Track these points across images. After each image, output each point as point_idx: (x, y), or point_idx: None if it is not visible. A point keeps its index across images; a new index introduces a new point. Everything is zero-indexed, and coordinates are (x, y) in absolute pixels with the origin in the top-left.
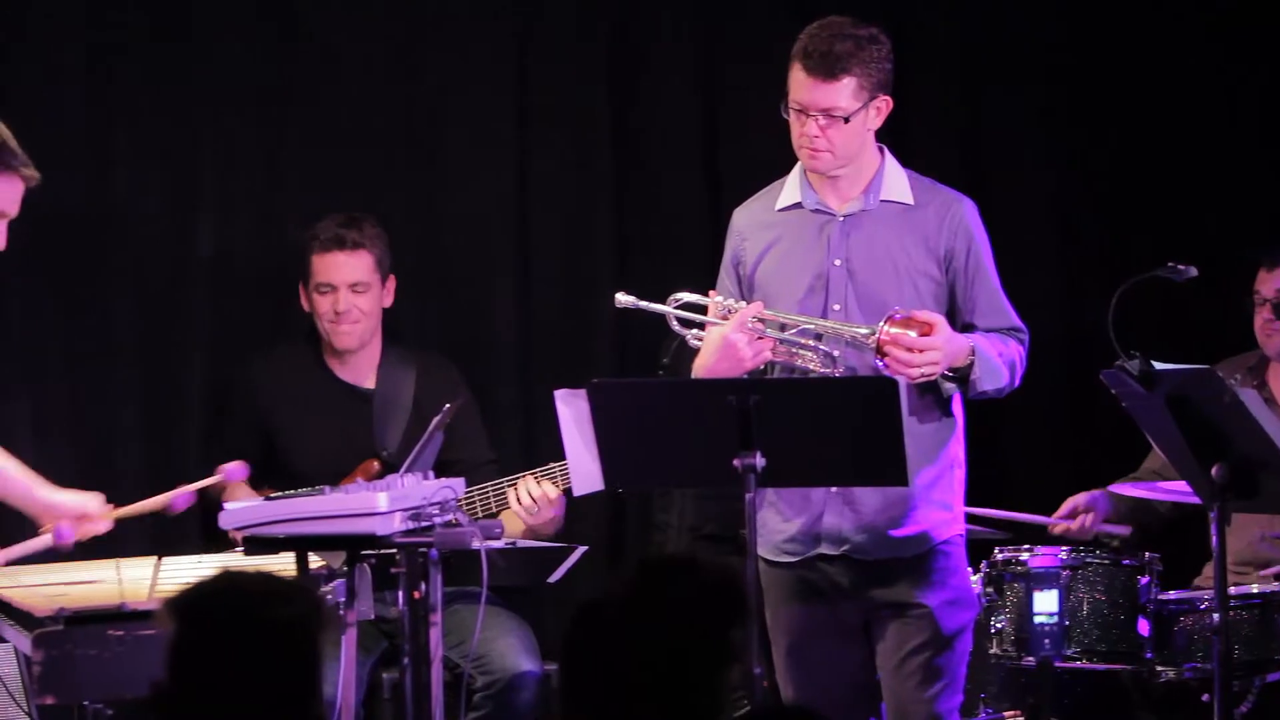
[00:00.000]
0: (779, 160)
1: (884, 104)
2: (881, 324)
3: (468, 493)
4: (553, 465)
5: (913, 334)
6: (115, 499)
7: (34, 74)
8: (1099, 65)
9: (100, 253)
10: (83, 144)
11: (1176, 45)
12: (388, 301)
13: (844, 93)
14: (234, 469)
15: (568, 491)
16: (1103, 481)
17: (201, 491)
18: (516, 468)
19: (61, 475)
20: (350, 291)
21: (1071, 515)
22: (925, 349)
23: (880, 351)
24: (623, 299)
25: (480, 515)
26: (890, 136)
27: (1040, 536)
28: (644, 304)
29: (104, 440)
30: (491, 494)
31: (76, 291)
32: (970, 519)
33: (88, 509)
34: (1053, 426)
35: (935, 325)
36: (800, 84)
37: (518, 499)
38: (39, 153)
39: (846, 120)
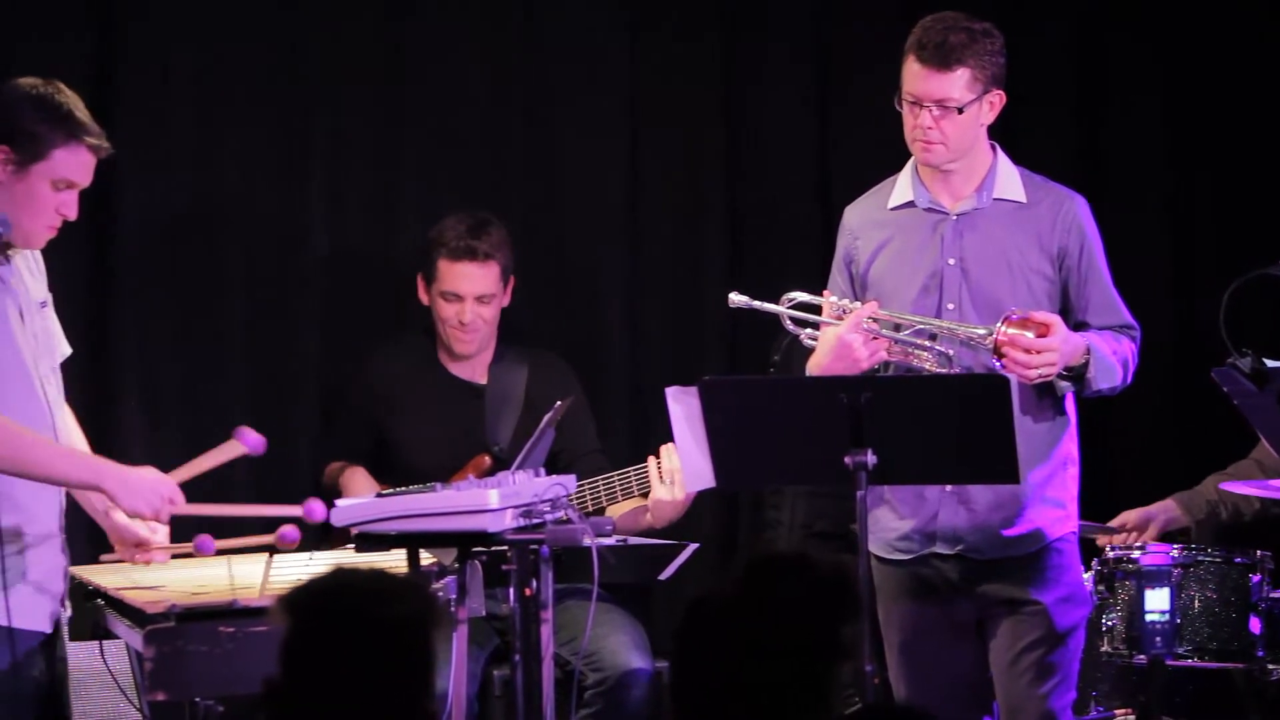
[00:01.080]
0: (890, 158)
1: (997, 99)
2: (999, 324)
3: (578, 486)
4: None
5: (1030, 335)
6: (227, 496)
7: (147, 71)
8: (1212, 64)
9: (213, 249)
10: (195, 140)
11: None
12: (506, 302)
13: (958, 84)
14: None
15: None
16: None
17: (316, 484)
18: (627, 465)
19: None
20: (476, 302)
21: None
22: (1043, 350)
23: (998, 352)
24: (736, 299)
25: (590, 509)
26: (1003, 135)
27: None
28: (757, 304)
29: (218, 437)
30: (603, 487)
31: (189, 289)
32: None
33: (147, 537)
34: (1163, 424)
35: (1052, 326)
36: (914, 75)
37: (658, 470)
38: (152, 149)
39: (960, 111)
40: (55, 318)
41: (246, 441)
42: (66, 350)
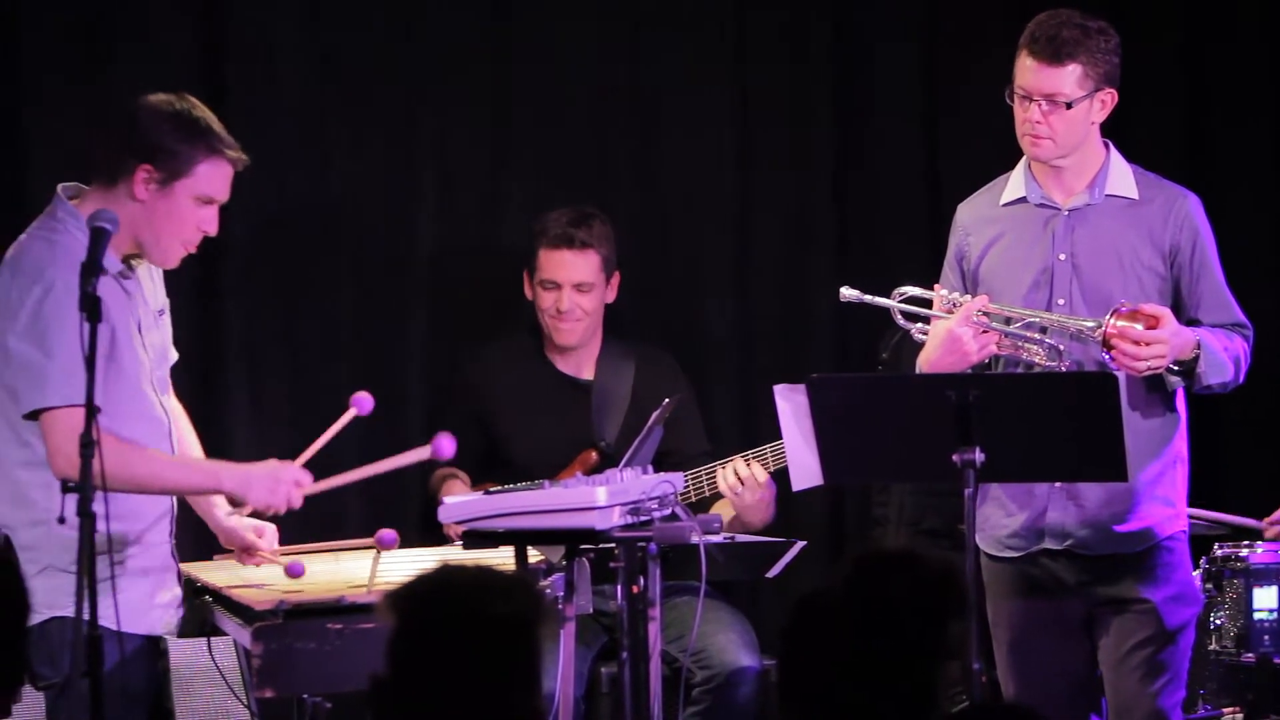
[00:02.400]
0: (1000, 155)
1: (1109, 97)
2: (1108, 317)
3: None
4: (765, 447)
5: (1139, 327)
6: (336, 494)
7: (253, 67)
8: None
9: (320, 249)
10: (303, 140)
11: None
12: (610, 297)
13: (1069, 79)
14: (444, 444)
15: (780, 474)
16: None
17: (424, 484)
18: None
19: None
20: (574, 290)
21: None
22: (1152, 342)
23: (1107, 344)
24: (847, 293)
25: (694, 501)
26: (1116, 133)
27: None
28: (868, 298)
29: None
30: (705, 480)
31: (297, 288)
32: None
33: (254, 542)
34: (1275, 423)
35: (1162, 319)
36: (1026, 69)
37: (725, 479)
38: (260, 150)
39: (1069, 106)
40: (169, 324)
41: (359, 404)
42: (174, 356)
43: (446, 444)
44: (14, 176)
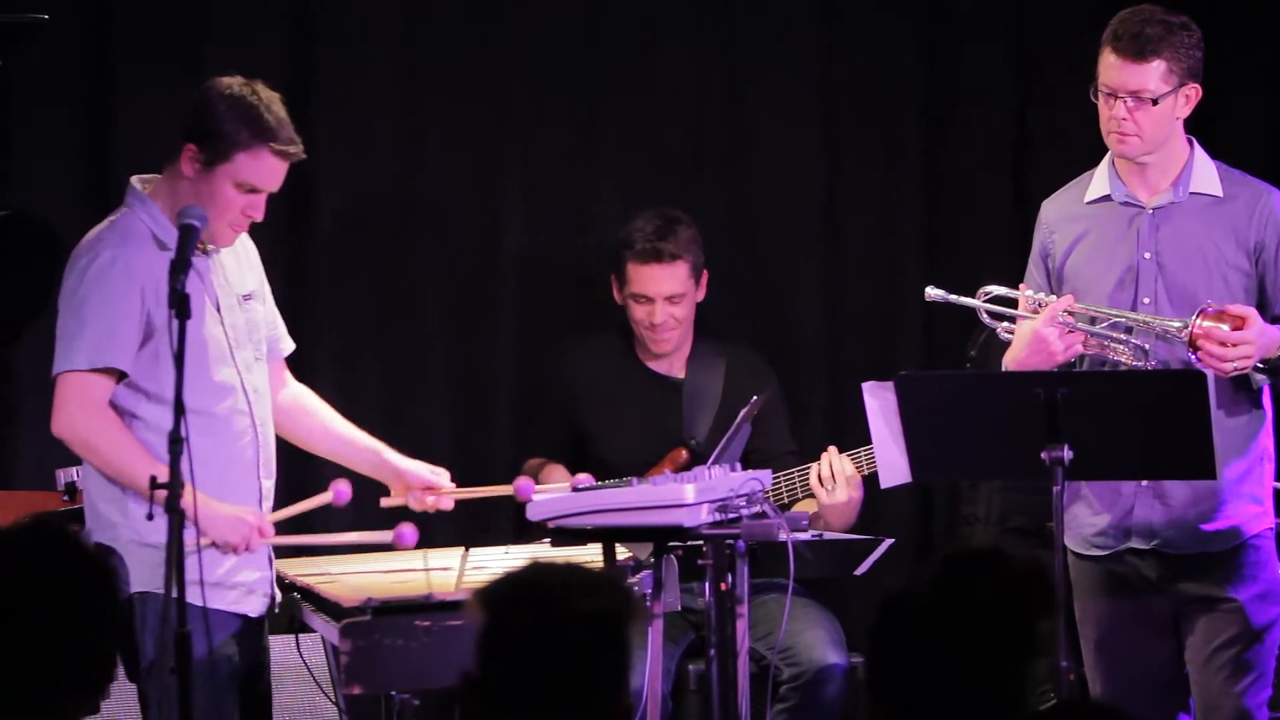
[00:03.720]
0: (1087, 153)
1: (1193, 92)
2: (1194, 317)
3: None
4: (859, 450)
5: (1225, 328)
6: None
7: (344, 67)
8: None
9: (411, 246)
10: (393, 138)
11: None
12: (701, 296)
13: (1153, 75)
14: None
15: (869, 479)
16: None
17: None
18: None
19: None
20: (666, 303)
21: None
22: (1239, 343)
23: (1193, 345)
24: (933, 293)
25: (785, 502)
26: (1200, 130)
27: None
28: (954, 297)
29: (415, 431)
30: (796, 480)
31: (387, 284)
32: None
33: (436, 481)
34: None
35: (1248, 319)
36: (1110, 66)
37: (818, 475)
38: (349, 147)
39: (1155, 103)
40: (268, 309)
41: (338, 494)
42: (289, 346)
43: (408, 532)
44: (102, 163)
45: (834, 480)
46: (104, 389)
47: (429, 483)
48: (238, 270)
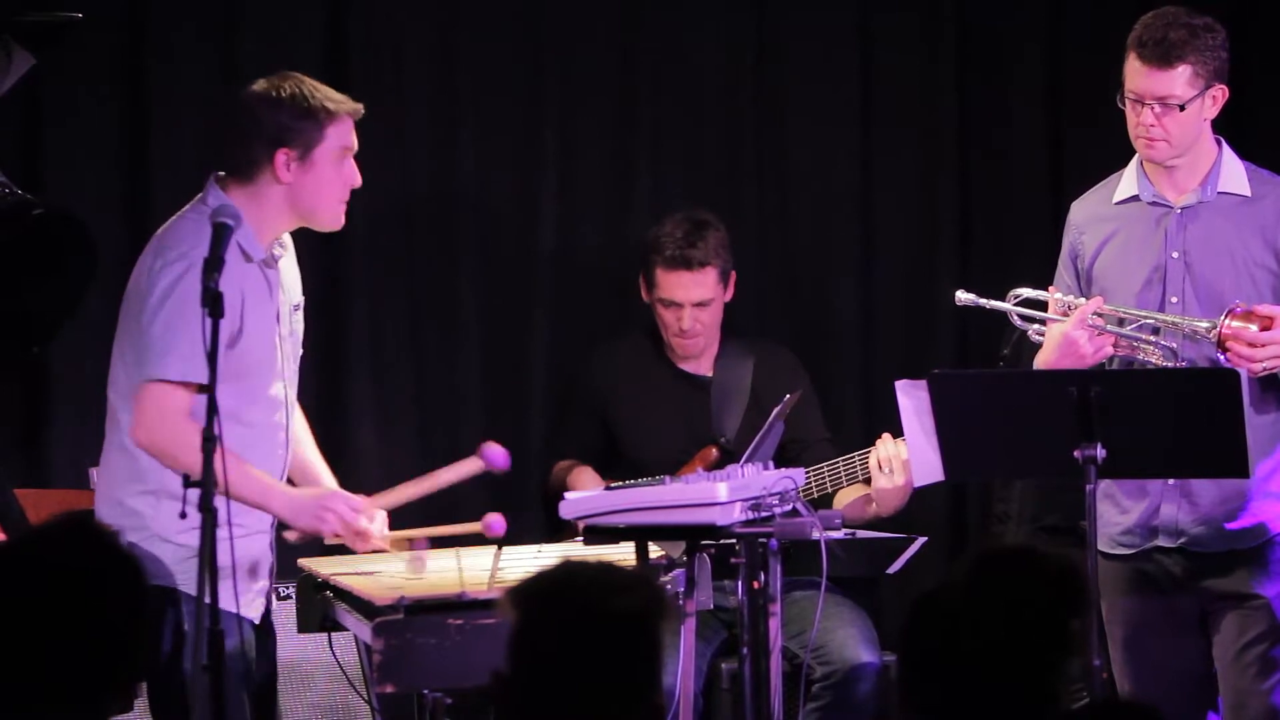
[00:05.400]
0: (1122, 158)
1: (1220, 93)
2: (1222, 318)
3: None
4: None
5: (1254, 328)
6: (459, 490)
7: (379, 63)
8: None
9: (445, 242)
10: (429, 132)
11: None
12: (728, 297)
13: (1179, 80)
14: (495, 453)
15: None
16: None
17: (544, 481)
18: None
19: (404, 460)
20: (695, 308)
21: None
22: (1267, 343)
23: (1221, 346)
24: (963, 297)
25: (816, 496)
26: (1228, 129)
27: None
28: (984, 301)
29: (448, 427)
30: (828, 473)
31: (421, 279)
32: None
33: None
34: None
35: (1276, 319)
36: (1136, 72)
37: (877, 460)
38: (383, 142)
39: (1182, 108)
40: (302, 320)
41: (489, 457)
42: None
43: (496, 522)
44: (135, 162)
45: (892, 463)
46: (188, 401)
47: (357, 530)
48: (293, 280)
